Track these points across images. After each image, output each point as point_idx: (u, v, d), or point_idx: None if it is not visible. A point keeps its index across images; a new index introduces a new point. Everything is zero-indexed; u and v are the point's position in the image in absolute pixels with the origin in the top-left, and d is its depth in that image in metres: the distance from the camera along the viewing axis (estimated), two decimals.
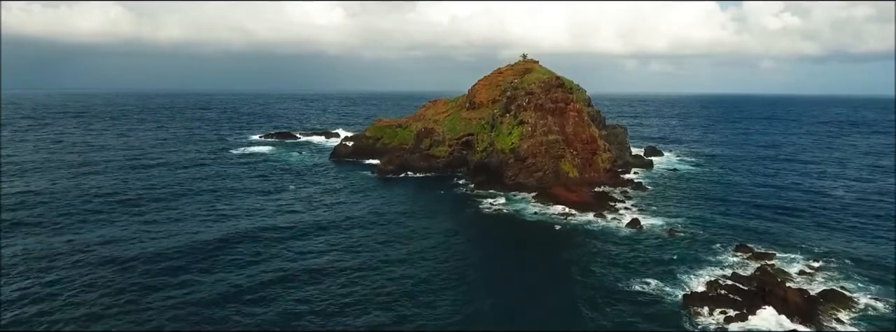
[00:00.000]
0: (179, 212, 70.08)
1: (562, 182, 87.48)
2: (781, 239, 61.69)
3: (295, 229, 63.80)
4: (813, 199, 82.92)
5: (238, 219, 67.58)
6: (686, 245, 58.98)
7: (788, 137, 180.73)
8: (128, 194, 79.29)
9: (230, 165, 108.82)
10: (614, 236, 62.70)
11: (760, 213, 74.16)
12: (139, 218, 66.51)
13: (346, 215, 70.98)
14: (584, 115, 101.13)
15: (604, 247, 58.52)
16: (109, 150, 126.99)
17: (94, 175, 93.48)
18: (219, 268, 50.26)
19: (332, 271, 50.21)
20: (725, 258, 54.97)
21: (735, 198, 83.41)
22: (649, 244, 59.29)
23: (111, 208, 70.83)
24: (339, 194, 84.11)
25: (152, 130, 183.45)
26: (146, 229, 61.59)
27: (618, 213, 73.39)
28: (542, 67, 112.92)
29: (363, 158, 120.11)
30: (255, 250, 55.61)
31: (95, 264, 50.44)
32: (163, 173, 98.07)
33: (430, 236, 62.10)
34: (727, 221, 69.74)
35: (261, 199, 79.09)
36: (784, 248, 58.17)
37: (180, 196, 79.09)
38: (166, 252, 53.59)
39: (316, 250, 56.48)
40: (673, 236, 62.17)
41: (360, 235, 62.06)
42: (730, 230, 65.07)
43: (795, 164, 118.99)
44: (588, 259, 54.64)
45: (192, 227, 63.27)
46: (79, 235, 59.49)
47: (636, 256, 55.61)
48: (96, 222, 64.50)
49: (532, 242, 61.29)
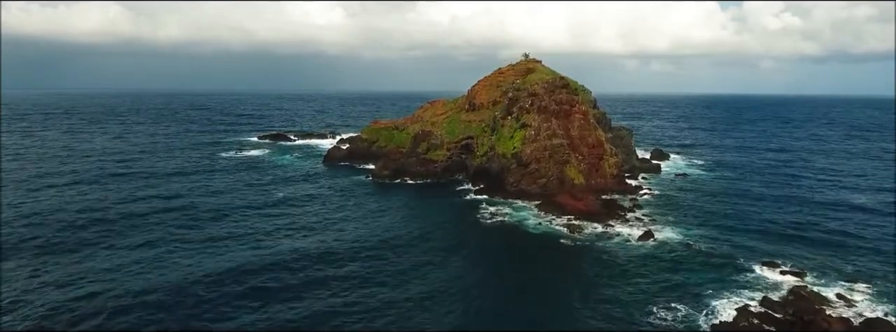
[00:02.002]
0: (147, 235, 60.18)
1: (567, 189, 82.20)
2: (809, 254, 56.43)
3: (277, 246, 58.54)
4: (834, 208, 77.44)
5: (219, 246, 59.20)
6: (706, 262, 53.69)
7: (799, 141, 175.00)
8: (108, 211, 69.84)
9: (217, 172, 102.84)
10: (627, 251, 57.38)
11: (781, 224, 68.83)
12: (107, 251, 55.16)
13: (333, 228, 65.80)
14: (589, 117, 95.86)
15: (616, 264, 53.21)
16: (94, 156, 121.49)
17: (72, 188, 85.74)
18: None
19: (309, 297, 44.95)
20: (752, 278, 49.71)
21: (752, 207, 78.13)
22: (666, 261, 54.02)
23: (78, 237, 59.07)
24: (328, 204, 78.82)
25: (144, 134, 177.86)
26: (119, 262, 51.97)
27: (628, 224, 68.17)
28: (544, 67, 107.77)
29: (358, 162, 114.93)
30: (235, 272, 50.36)
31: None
32: (142, 185, 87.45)
33: (425, 253, 56.80)
34: (747, 232, 64.42)
35: (245, 212, 73.60)
36: (814, 265, 52.94)
37: (155, 213, 69.66)
38: (143, 291, 45.06)
39: (294, 267, 51.17)
40: (690, 251, 56.90)
41: (345, 252, 56.67)
42: (751, 244, 59.78)
43: (811, 170, 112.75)
44: (600, 280, 49.33)
45: (163, 255, 54.31)
46: (46, 272, 48.93)
47: (652, 275, 50.34)
48: (64, 253, 54.09)
49: (536, 259, 55.97)
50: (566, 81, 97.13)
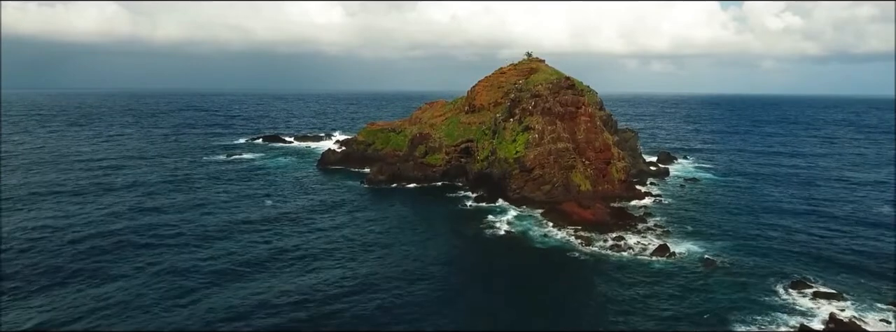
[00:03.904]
0: (116, 257, 53.62)
1: (573, 197, 77.41)
2: (840, 271, 51.65)
3: (258, 258, 53.76)
4: (861, 222, 71.22)
5: (198, 249, 57.18)
6: (730, 281, 48.86)
7: (812, 146, 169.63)
8: (80, 230, 62.23)
9: (206, 178, 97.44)
10: (642, 268, 52.52)
11: (805, 236, 63.93)
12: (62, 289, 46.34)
13: (322, 238, 61.14)
14: (596, 119, 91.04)
15: (631, 284, 48.39)
16: (81, 161, 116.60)
17: (49, 201, 78.65)
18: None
19: (285, 323, 40.16)
20: (782, 300, 44.89)
21: (771, 217, 73.07)
22: (686, 280, 49.18)
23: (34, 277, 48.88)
24: (319, 211, 74.07)
25: (136, 138, 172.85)
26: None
27: (640, 234, 63.42)
28: (548, 67, 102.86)
29: (353, 165, 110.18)
30: (212, 279, 45.57)
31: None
32: (125, 197, 79.70)
33: (420, 268, 51.99)
34: (770, 247, 59.47)
35: (230, 220, 68.92)
36: (848, 285, 48.10)
37: (134, 233, 62.89)
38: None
39: (274, 286, 46.37)
40: (712, 268, 52.07)
41: (332, 268, 51.91)
42: (776, 259, 54.96)
43: (829, 179, 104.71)
44: (615, 304, 44.46)
45: (141, 263, 52.58)
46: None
47: (672, 296, 45.56)
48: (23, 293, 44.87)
49: (543, 277, 51.10)
50: (572, 82, 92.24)
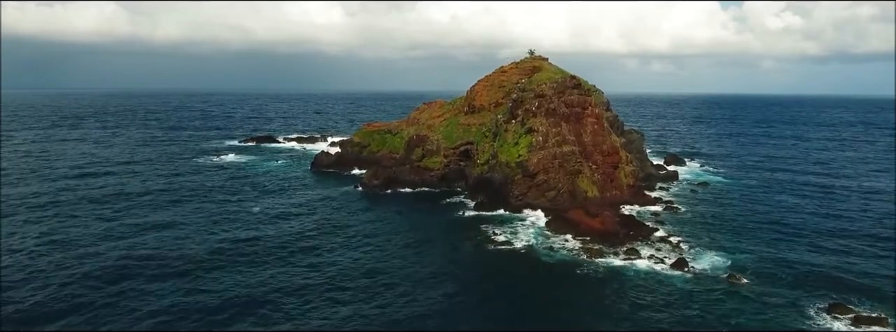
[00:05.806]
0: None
1: (579, 203, 72.42)
2: (879, 291, 46.56)
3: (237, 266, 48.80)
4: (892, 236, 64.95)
5: (175, 257, 52.36)
6: (759, 302, 43.85)
7: (822, 150, 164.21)
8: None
9: (193, 183, 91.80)
10: (658, 284, 47.59)
11: (831, 249, 58.74)
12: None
13: (310, 246, 56.48)
14: (603, 121, 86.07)
15: (648, 305, 43.35)
16: (64, 162, 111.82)
17: (21, 215, 76.43)
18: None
19: None
20: (820, 326, 39.94)
21: (791, 226, 67.89)
22: (709, 301, 44.14)
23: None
24: (309, 217, 69.27)
25: (126, 142, 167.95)
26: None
27: (654, 246, 58.45)
28: (552, 66, 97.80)
29: (348, 168, 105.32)
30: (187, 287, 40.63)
31: None
32: (108, 207, 72.92)
33: (413, 285, 47.04)
34: (798, 258, 54.55)
35: (212, 226, 64.00)
36: (889, 306, 43.15)
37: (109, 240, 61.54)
38: None
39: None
40: (736, 286, 47.13)
41: (318, 282, 46.97)
42: (806, 275, 49.96)
43: (851, 189, 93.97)
44: (635, 325, 39.53)
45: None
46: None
47: (695, 319, 40.60)
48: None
49: (549, 296, 45.97)
50: (578, 81, 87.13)
